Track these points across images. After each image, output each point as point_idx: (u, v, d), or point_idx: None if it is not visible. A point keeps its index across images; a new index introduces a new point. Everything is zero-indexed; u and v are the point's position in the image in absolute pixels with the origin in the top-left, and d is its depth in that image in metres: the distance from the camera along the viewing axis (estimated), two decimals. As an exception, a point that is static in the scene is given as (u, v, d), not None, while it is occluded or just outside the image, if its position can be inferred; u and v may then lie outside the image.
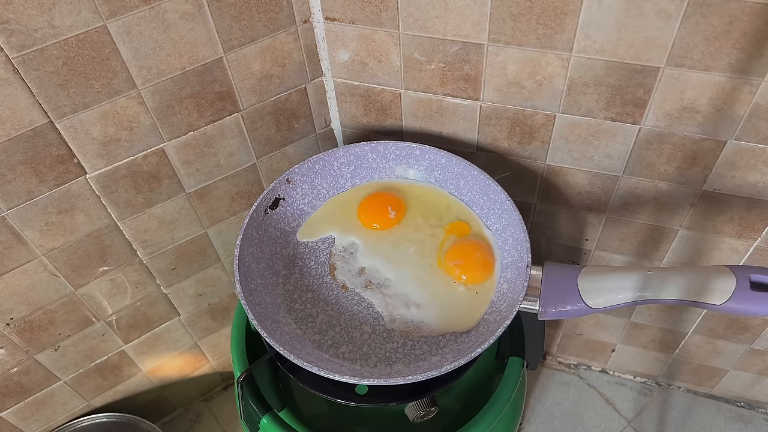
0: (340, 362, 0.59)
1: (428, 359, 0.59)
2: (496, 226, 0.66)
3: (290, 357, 0.55)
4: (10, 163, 0.60)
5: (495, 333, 0.54)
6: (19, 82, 0.55)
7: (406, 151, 0.72)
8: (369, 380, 0.54)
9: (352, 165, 0.73)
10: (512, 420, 0.73)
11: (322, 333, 0.62)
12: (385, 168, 0.74)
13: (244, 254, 0.64)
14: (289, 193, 0.71)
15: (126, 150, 0.66)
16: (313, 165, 0.72)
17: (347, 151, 0.72)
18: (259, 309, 0.61)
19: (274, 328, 0.60)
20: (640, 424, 1.05)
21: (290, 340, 0.60)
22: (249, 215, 0.66)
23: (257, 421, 0.66)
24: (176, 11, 0.59)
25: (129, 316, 0.84)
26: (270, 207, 0.69)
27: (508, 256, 0.63)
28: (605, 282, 0.54)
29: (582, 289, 0.55)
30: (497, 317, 0.57)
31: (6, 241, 0.65)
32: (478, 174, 0.67)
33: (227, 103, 0.70)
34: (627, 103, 0.64)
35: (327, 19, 0.69)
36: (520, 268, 0.58)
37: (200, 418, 1.09)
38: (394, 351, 0.60)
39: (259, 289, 0.63)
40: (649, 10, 0.56)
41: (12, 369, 0.77)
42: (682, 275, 0.51)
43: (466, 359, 0.53)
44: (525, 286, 0.56)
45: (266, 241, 0.68)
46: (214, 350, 1.03)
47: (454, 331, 0.61)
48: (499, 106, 0.70)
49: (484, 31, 0.63)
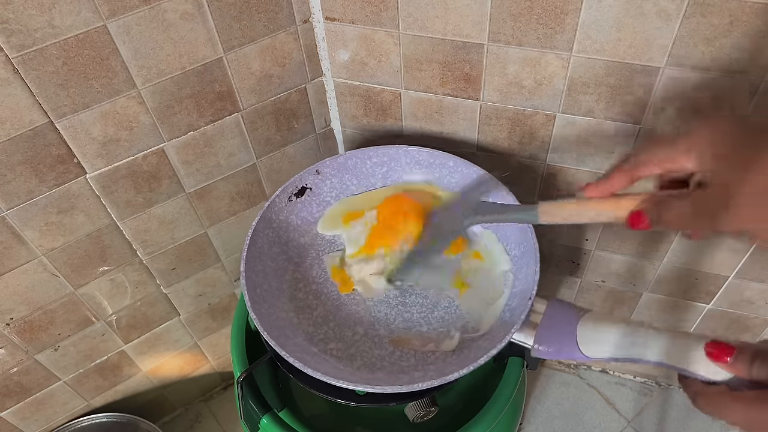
0: (325, 358, 0.59)
1: (411, 373, 0.58)
2: (515, 252, 0.65)
3: (271, 342, 0.55)
4: (10, 163, 0.60)
5: (478, 360, 0.53)
6: (19, 82, 0.55)
7: (440, 161, 0.71)
8: (341, 381, 0.53)
9: (384, 166, 0.73)
10: (512, 420, 0.72)
11: (316, 326, 0.63)
12: (417, 173, 0.73)
13: (258, 235, 0.64)
14: (317, 184, 0.71)
15: (126, 150, 0.66)
16: (345, 161, 0.72)
17: (379, 152, 0.72)
18: (260, 291, 0.61)
19: (270, 312, 0.60)
20: (640, 424, 1.05)
21: (283, 326, 0.60)
22: (271, 199, 0.67)
23: (257, 421, 0.66)
24: (176, 11, 0.59)
25: (129, 316, 0.84)
26: (295, 195, 0.70)
27: (519, 285, 0.62)
28: (605, 334, 0.53)
29: (580, 335, 0.54)
30: (488, 344, 0.56)
31: (6, 241, 0.65)
32: (508, 197, 0.66)
33: (227, 103, 0.70)
34: (627, 102, 0.64)
35: (327, 19, 0.69)
36: (526, 299, 0.57)
37: (200, 418, 1.09)
38: (380, 358, 0.60)
39: (267, 271, 0.64)
40: (649, 10, 0.56)
41: (12, 369, 0.76)
42: (688, 341, 0.48)
43: (441, 381, 0.52)
44: (522, 319, 0.55)
45: (285, 227, 0.69)
46: (214, 350, 1.03)
47: (444, 350, 0.60)
48: (499, 106, 0.70)
49: (484, 30, 0.63)
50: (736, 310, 0.87)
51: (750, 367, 0.40)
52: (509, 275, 0.64)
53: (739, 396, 0.39)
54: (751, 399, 0.38)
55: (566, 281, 0.94)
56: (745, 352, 0.41)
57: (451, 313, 0.63)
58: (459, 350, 0.60)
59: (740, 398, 0.39)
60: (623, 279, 0.89)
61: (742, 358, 0.41)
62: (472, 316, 0.63)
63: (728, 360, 0.42)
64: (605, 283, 0.91)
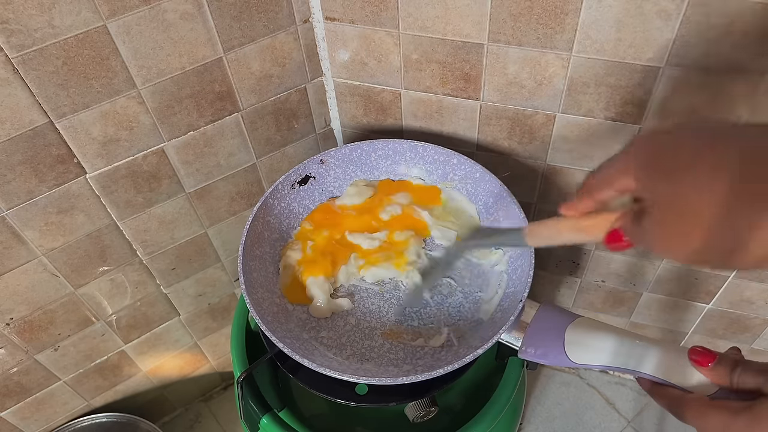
0: (315, 345, 0.60)
1: (400, 366, 0.59)
2: (511, 253, 0.65)
3: (262, 326, 0.55)
4: (10, 163, 0.60)
5: (464, 358, 0.53)
6: (19, 81, 0.55)
7: (444, 158, 0.72)
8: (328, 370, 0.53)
9: (389, 159, 0.74)
10: (512, 420, 0.73)
11: (309, 313, 0.63)
12: (422, 169, 0.74)
13: (258, 221, 0.65)
14: (321, 173, 0.72)
15: (126, 150, 0.66)
16: (351, 152, 0.72)
17: (386, 145, 0.73)
18: (256, 275, 0.62)
19: (265, 297, 0.61)
20: (640, 424, 1.05)
21: (277, 312, 0.61)
22: (274, 186, 0.68)
23: (257, 421, 0.66)
24: (176, 11, 0.59)
25: (129, 316, 0.84)
26: (299, 183, 0.70)
27: (512, 286, 0.62)
28: (592, 340, 0.53)
29: (568, 340, 0.54)
30: (478, 342, 0.56)
31: (6, 241, 0.65)
32: (507, 196, 0.66)
33: (227, 103, 0.70)
34: (627, 102, 0.64)
35: (327, 18, 0.69)
36: (517, 301, 0.58)
37: (200, 418, 1.09)
38: (369, 349, 0.60)
39: (264, 257, 0.65)
40: (649, 10, 0.56)
41: (12, 369, 0.76)
42: (672, 354, 0.48)
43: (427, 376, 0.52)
44: (511, 320, 0.56)
45: (286, 214, 0.70)
46: (214, 350, 1.03)
47: (433, 346, 0.61)
48: (499, 106, 0.70)
49: (484, 30, 0.63)
50: (736, 310, 0.87)
51: (731, 373, 0.40)
52: (504, 276, 0.64)
53: (723, 404, 0.38)
54: (736, 409, 0.37)
55: (566, 281, 0.94)
56: (727, 359, 0.41)
57: (443, 310, 0.64)
58: (448, 347, 0.60)
59: (723, 406, 0.38)
60: (623, 279, 0.89)
61: (723, 364, 0.41)
62: (463, 314, 0.63)
63: (710, 365, 0.42)
64: (605, 283, 0.91)
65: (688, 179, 0.30)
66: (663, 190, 0.32)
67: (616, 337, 0.52)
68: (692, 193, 0.30)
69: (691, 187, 0.30)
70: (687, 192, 0.30)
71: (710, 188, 0.29)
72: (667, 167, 0.32)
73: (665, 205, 0.31)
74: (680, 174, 0.31)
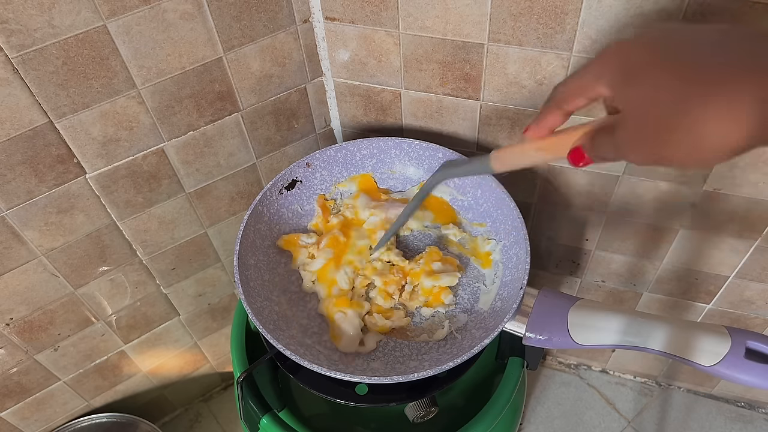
0: (320, 350, 0.60)
1: (406, 363, 0.59)
2: (504, 242, 0.66)
3: (267, 336, 0.55)
4: (10, 163, 0.60)
5: (472, 349, 0.53)
6: (19, 81, 0.55)
7: (429, 153, 0.72)
8: (337, 373, 0.53)
9: (374, 158, 0.74)
10: (512, 420, 0.72)
11: (310, 318, 0.63)
12: (407, 166, 0.74)
13: (249, 230, 0.65)
14: (307, 177, 0.72)
15: (126, 150, 0.66)
16: (336, 153, 0.72)
17: (371, 144, 0.73)
18: (254, 284, 0.62)
19: (264, 305, 0.61)
20: (640, 424, 1.05)
21: (277, 320, 0.61)
22: (262, 193, 0.67)
23: (257, 421, 0.66)
24: (176, 11, 0.59)
25: (129, 316, 0.84)
26: (286, 188, 0.70)
27: (509, 275, 0.62)
28: (595, 320, 0.53)
29: (571, 322, 0.54)
30: (482, 333, 0.57)
31: (6, 241, 0.65)
32: (496, 187, 0.66)
33: (227, 102, 0.70)
34: (627, 102, 0.64)
35: (327, 18, 0.69)
36: (517, 288, 0.58)
37: (200, 418, 1.09)
38: (374, 349, 0.60)
39: (259, 266, 0.65)
40: (649, 10, 0.56)
41: (12, 369, 0.76)
42: (674, 327, 0.49)
43: (437, 370, 0.53)
44: (514, 308, 0.56)
45: (276, 220, 0.69)
46: (214, 350, 1.03)
47: (437, 339, 0.61)
48: (500, 106, 0.70)
49: (484, 30, 0.63)
50: (736, 310, 0.87)
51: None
52: (499, 265, 0.65)
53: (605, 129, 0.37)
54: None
55: (566, 281, 0.94)
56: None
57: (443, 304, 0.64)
58: (452, 340, 0.60)
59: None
60: (623, 279, 0.89)
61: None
62: (462, 306, 0.63)
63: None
64: (605, 283, 0.91)
65: (663, 81, 0.31)
66: (638, 94, 0.32)
67: (619, 316, 0.52)
68: (666, 94, 0.31)
69: (666, 89, 0.31)
70: (661, 95, 0.31)
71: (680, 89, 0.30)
72: (641, 72, 0.32)
73: (641, 109, 0.32)
74: (654, 76, 0.31)
